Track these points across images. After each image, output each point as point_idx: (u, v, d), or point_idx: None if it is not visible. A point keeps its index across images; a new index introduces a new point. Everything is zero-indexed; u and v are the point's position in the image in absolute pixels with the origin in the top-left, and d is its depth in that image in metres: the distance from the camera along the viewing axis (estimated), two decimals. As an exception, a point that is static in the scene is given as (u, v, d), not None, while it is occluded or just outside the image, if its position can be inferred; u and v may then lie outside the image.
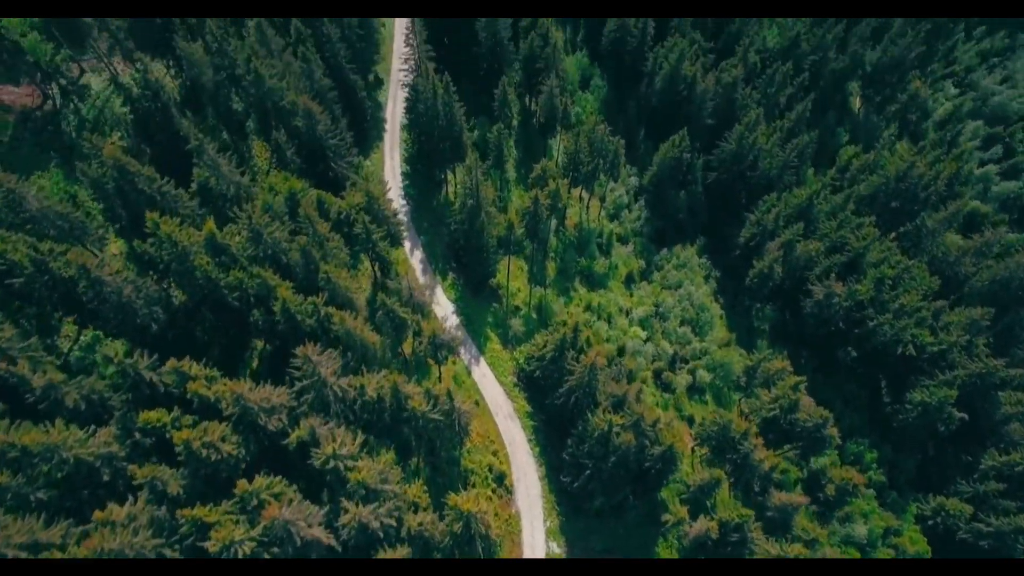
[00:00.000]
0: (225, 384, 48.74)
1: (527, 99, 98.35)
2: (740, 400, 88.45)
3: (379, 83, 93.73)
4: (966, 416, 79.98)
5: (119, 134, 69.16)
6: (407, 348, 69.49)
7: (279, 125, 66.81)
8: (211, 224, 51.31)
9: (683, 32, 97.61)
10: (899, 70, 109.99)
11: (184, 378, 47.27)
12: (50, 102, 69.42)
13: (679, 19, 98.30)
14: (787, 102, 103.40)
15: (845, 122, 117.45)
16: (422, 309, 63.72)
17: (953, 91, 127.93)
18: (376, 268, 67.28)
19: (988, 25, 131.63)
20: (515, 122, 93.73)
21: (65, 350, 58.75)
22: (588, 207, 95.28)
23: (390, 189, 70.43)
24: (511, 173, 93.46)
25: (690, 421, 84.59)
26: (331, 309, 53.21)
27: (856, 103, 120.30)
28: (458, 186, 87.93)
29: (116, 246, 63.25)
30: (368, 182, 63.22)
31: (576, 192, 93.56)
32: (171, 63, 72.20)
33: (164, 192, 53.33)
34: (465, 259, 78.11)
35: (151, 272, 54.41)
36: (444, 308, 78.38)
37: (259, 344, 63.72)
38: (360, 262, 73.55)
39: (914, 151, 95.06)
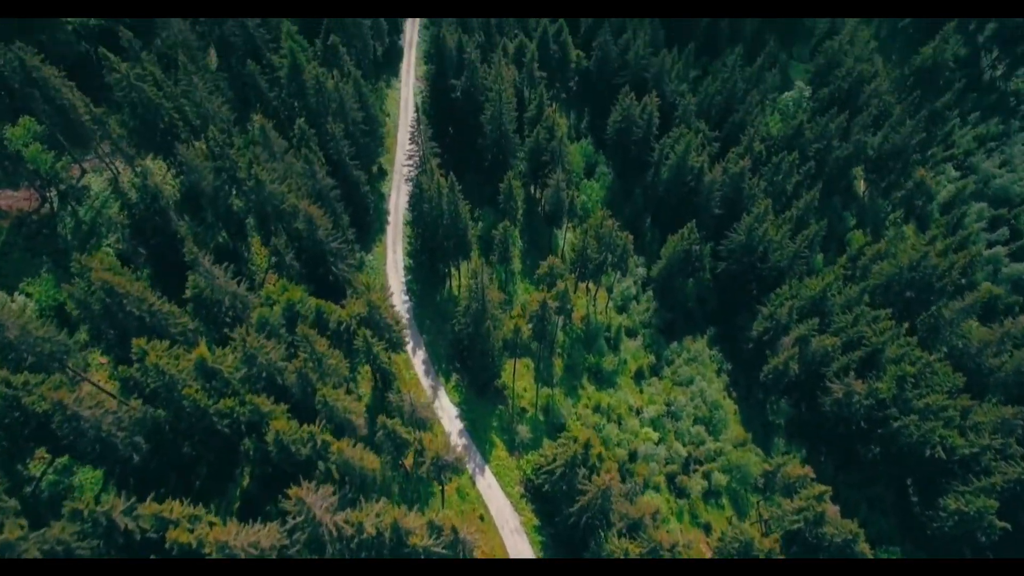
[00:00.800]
0: (210, 526, 44.42)
1: (532, 188, 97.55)
2: (758, 503, 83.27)
3: (383, 174, 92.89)
4: (1008, 526, 74.73)
5: (115, 236, 67.14)
6: (409, 461, 65.21)
7: (279, 228, 64.88)
8: (203, 348, 48.17)
9: (688, 122, 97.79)
10: (902, 157, 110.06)
11: (164, 523, 42.96)
12: (47, 205, 67.79)
13: (684, 108, 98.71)
14: (794, 189, 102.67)
15: (851, 206, 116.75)
16: (425, 424, 59.80)
17: (954, 174, 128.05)
18: (377, 377, 63.78)
19: (981, 112, 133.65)
20: (520, 212, 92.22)
21: (37, 474, 54.53)
22: (595, 298, 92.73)
23: (392, 294, 67.85)
24: (516, 264, 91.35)
25: (707, 528, 79.31)
26: (327, 437, 49.40)
27: (860, 186, 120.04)
28: (463, 282, 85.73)
29: (102, 358, 59.81)
30: (369, 291, 60.55)
31: (583, 284, 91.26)
32: (172, 162, 70.96)
33: (154, 312, 50.46)
34: (469, 361, 74.76)
35: (135, 394, 50.86)
36: (447, 412, 74.38)
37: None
38: (360, 363, 70.04)
39: (925, 241, 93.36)
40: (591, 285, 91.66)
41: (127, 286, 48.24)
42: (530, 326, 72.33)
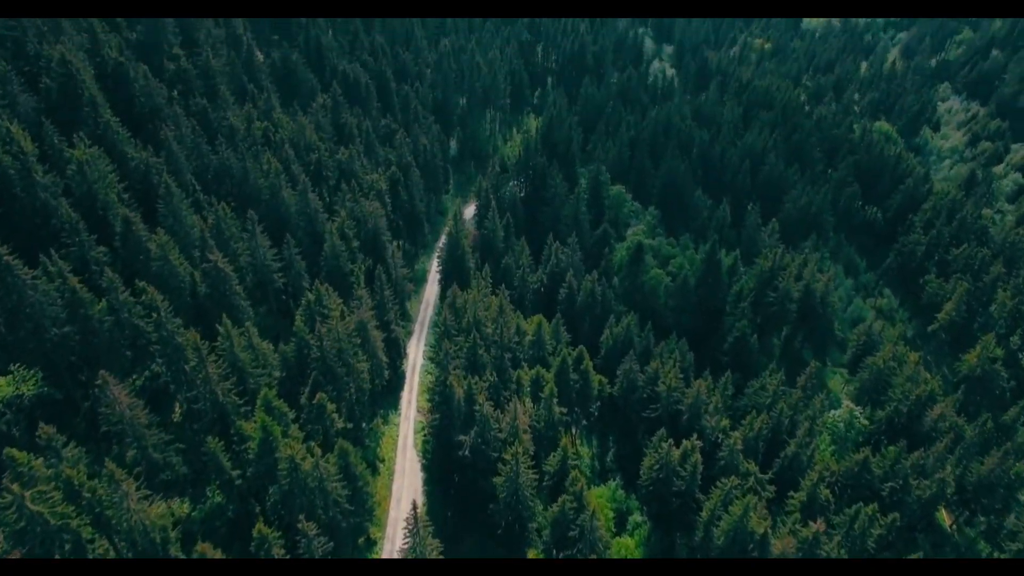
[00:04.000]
0: None
1: (555, 552, 78.09)
2: None
3: (371, 544, 74.30)
4: None
5: None
6: None
7: None
8: None
9: (736, 468, 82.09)
10: (993, 493, 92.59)
11: None
12: None
13: (730, 450, 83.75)
14: (876, 543, 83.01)
15: (942, 548, 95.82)
16: None
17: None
18: None
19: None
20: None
21: None
22: None
23: None
24: (539, 675, 67.69)
25: None
26: None
27: (946, 519, 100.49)
28: None
29: None
30: None
31: None
32: None
33: None
34: None
35: None
36: None
37: None
38: None
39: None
40: None
41: None
42: None
